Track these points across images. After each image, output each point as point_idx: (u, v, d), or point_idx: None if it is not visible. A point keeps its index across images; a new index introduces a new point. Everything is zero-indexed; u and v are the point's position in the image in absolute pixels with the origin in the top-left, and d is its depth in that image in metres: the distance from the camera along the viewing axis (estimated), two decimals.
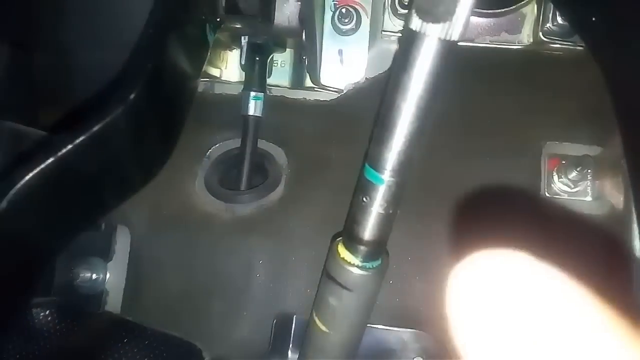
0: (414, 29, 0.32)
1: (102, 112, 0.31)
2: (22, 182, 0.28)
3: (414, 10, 0.32)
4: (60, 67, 0.53)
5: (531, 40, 0.59)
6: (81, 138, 0.29)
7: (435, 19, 0.31)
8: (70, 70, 0.54)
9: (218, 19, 0.45)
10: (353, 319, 0.42)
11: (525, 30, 0.59)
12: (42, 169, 0.28)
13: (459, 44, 0.32)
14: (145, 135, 0.36)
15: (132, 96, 0.32)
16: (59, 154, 0.29)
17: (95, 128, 0.30)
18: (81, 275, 0.53)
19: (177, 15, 0.38)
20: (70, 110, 0.53)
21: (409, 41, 0.32)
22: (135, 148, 0.35)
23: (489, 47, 0.60)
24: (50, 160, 0.28)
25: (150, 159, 0.40)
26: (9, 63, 0.46)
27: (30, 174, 0.28)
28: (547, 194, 0.54)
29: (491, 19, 0.60)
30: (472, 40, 0.60)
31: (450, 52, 0.32)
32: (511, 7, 0.59)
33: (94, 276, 0.54)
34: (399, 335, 0.52)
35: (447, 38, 0.31)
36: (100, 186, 0.34)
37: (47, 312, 0.56)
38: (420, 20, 0.31)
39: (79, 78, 0.54)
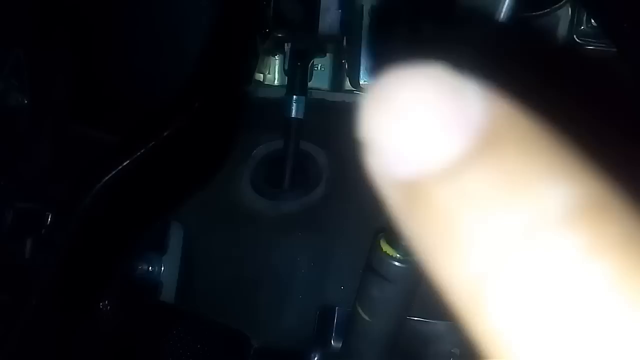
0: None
1: (170, 119, 0.35)
2: (105, 179, 0.32)
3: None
4: (119, 75, 0.57)
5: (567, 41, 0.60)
6: (153, 142, 0.33)
7: None
8: (129, 77, 0.58)
9: (267, 31, 0.48)
10: (393, 309, 0.45)
11: (560, 32, 0.60)
12: (120, 169, 0.32)
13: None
14: (206, 139, 0.40)
15: (196, 105, 0.35)
16: (135, 155, 0.32)
17: (165, 133, 0.34)
18: (139, 267, 0.57)
19: (233, 29, 0.42)
20: (130, 113, 0.57)
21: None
22: (197, 151, 0.39)
23: (526, 46, 0.61)
24: (127, 162, 0.32)
25: (209, 161, 0.44)
26: (78, 71, 0.51)
27: (110, 174, 0.32)
28: None
29: (531, 21, 0.62)
30: (510, 42, 0.62)
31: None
32: (547, 10, 0.60)
33: (150, 268, 0.58)
34: (437, 327, 0.55)
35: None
36: (168, 185, 0.38)
37: (107, 302, 0.60)
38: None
39: (137, 84, 0.58)
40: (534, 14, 0.62)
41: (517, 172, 0.10)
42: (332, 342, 0.55)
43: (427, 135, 0.10)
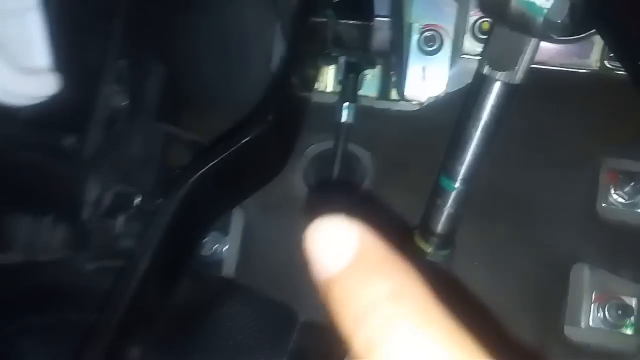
0: (484, 74, 0.41)
1: (248, 127, 0.43)
2: (195, 176, 0.41)
3: (485, 59, 0.41)
4: (197, 84, 0.67)
5: (598, 65, 0.65)
6: (235, 147, 0.42)
7: (502, 68, 0.40)
8: (204, 86, 0.68)
9: (327, 51, 0.56)
10: None
11: (593, 56, 0.66)
12: (209, 167, 0.41)
13: (532, 66, 0.40)
14: (276, 144, 0.48)
15: (269, 117, 0.43)
16: (220, 157, 0.41)
17: (245, 140, 0.42)
18: (205, 246, 0.67)
19: (301, 51, 0.50)
20: (204, 115, 0.67)
21: (480, 83, 0.42)
22: (268, 153, 0.48)
23: (559, 70, 0.67)
24: (214, 162, 0.41)
25: (276, 161, 0.52)
26: (162, 77, 0.60)
27: (201, 171, 0.41)
28: (602, 204, 0.62)
29: (566, 45, 0.67)
30: (545, 63, 0.68)
31: (512, 93, 0.41)
32: (583, 35, 0.66)
33: (215, 247, 0.68)
34: None
35: (510, 82, 0.40)
36: (243, 181, 0.47)
37: None
38: (489, 68, 0.41)
39: (211, 89, 0.67)
40: (570, 38, 0.67)
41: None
42: None
43: None
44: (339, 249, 0.17)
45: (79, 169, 0.49)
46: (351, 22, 0.56)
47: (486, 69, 0.40)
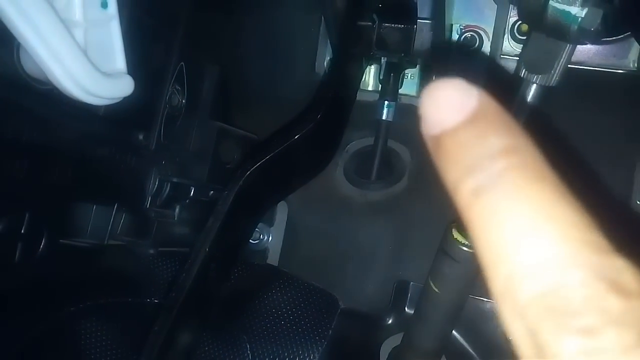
0: (521, 76, 0.44)
1: (299, 125, 0.47)
2: (251, 169, 0.45)
3: (522, 62, 0.44)
4: (246, 80, 0.71)
5: (636, 65, 0.66)
6: (287, 143, 0.46)
7: (538, 71, 0.43)
8: (253, 82, 0.72)
9: (371, 53, 0.60)
10: (459, 285, 0.56)
11: (631, 57, 0.67)
12: (264, 161, 0.45)
13: (570, 66, 0.42)
14: (323, 141, 0.52)
15: (319, 116, 0.47)
16: (274, 152, 0.45)
17: (296, 136, 0.46)
18: (252, 235, 0.71)
19: (349, 54, 0.53)
20: (253, 112, 0.71)
21: (517, 84, 0.44)
22: (316, 149, 0.51)
23: (598, 70, 0.69)
24: (268, 156, 0.45)
25: (323, 156, 0.56)
26: (217, 79, 0.65)
27: (257, 165, 0.45)
28: (638, 202, 0.63)
29: (603, 46, 0.69)
30: (583, 63, 0.69)
31: (548, 95, 0.43)
32: (621, 36, 0.67)
33: (261, 237, 0.72)
34: (495, 306, 0.65)
35: (546, 84, 0.43)
36: (292, 175, 0.51)
37: None
38: (526, 71, 0.43)
39: (259, 88, 0.72)
40: (610, 39, 0.68)
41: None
42: (406, 309, 0.66)
43: None
44: (457, 106, 0.16)
45: (144, 162, 0.54)
46: (395, 25, 0.60)
47: (523, 72, 0.43)
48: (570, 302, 0.13)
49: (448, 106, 0.16)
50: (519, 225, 0.14)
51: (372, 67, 0.81)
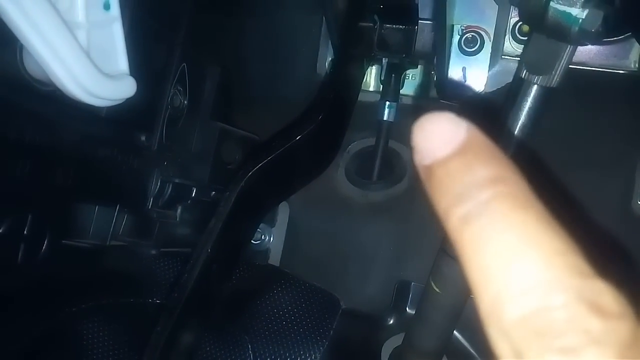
0: (522, 77, 0.44)
1: (301, 126, 0.47)
2: (253, 170, 0.45)
3: (523, 63, 0.44)
4: (247, 81, 0.71)
5: (637, 66, 0.66)
6: (289, 144, 0.46)
7: (539, 72, 0.43)
8: (254, 83, 0.72)
9: (372, 54, 0.60)
10: (460, 285, 0.56)
11: (632, 57, 0.67)
12: (265, 162, 0.45)
13: (571, 66, 0.42)
14: (325, 142, 0.52)
15: (320, 117, 0.47)
16: (275, 153, 0.45)
17: (298, 137, 0.46)
18: (254, 236, 0.72)
19: (350, 55, 0.54)
20: (254, 113, 0.71)
21: (518, 86, 0.44)
22: (318, 150, 0.52)
23: (599, 70, 0.69)
24: (270, 157, 0.45)
25: (325, 157, 0.56)
26: (219, 80, 0.65)
27: (258, 166, 0.45)
28: (638, 202, 0.63)
29: (604, 46, 0.69)
30: (584, 64, 0.69)
31: (549, 96, 0.44)
32: (622, 37, 0.67)
33: (262, 237, 0.73)
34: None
35: (547, 85, 0.43)
36: (294, 176, 0.51)
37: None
38: (527, 72, 0.43)
39: (261, 89, 0.72)
40: (612, 39, 0.69)
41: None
42: (407, 309, 0.67)
43: None
44: (448, 138, 0.17)
45: (146, 163, 0.54)
46: (396, 26, 0.60)
47: (524, 73, 0.43)
48: (553, 324, 0.14)
49: (439, 138, 0.17)
50: (504, 251, 0.15)
51: (374, 67, 0.81)
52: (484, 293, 0.15)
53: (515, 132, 0.45)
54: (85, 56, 0.38)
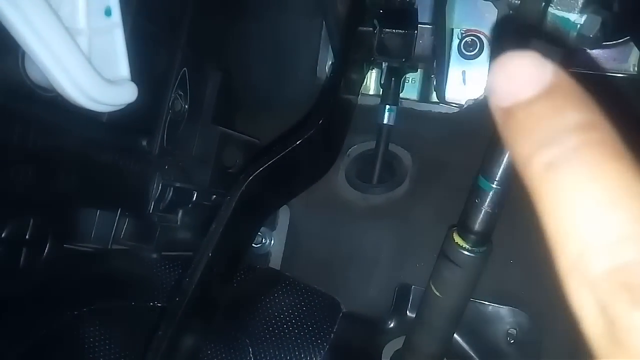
0: None
1: (301, 130, 0.47)
2: (254, 175, 0.45)
3: None
4: (248, 85, 0.72)
5: (636, 69, 0.67)
6: (289, 148, 0.46)
7: None
8: (255, 87, 0.72)
9: (372, 58, 0.60)
10: (460, 289, 0.56)
11: (631, 60, 0.67)
12: (266, 166, 0.45)
13: (570, 70, 0.43)
14: (325, 146, 0.53)
15: (320, 121, 0.48)
16: (276, 158, 0.45)
17: (298, 142, 0.46)
18: (254, 240, 0.72)
19: (350, 59, 0.54)
20: (255, 116, 0.72)
21: None
22: (318, 154, 0.52)
23: (597, 74, 0.69)
24: (270, 162, 0.45)
25: (325, 161, 0.57)
26: (220, 84, 0.65)
27: (259, 170, 0.45)
28: None
29: (604, 50, 0.69)
30: (583, 68, 0.70)
31: None
32: (620, 40, 0.67)
33: (263, 241, 0.73)
34: (497, 310, 0.65)
35: None
36: (294, 180, 0.51)
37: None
38: None
39: (261, 93, 0.72)
40: (612, 42, 0.69)
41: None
42: (408, 312, 0.67)
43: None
44: (533, 78, 0.16)
45: (147, 167, 0.54)
46: (395, 30, 0.60)
47: None
48: None
49: (522, 78, 0.16)
50: (594, 201, 0.14)
51: (374, 71, 0.81)
52: (568, 244, 0.14)
53: None
54: (87, 62, 0.38)
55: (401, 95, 0.77)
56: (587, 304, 0.14)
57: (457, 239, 0.53)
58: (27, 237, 0.44)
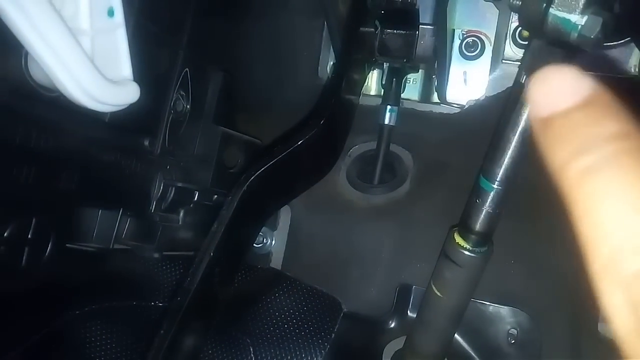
0: (523, 82, 0.44)
1: (303, 130, 0.47)
2: (255, 175, 0.46)
3: (523, 69, 0.44)
4: (250, 86, 0.72)
5: (637, 70, 0.67)
6: (291, 148, 0.46)
7: None
8: (257, 87, 0.73)
9: (373, 59, 0.60)
10: (461, 289, 0.56)
11: (632, 61, 0.67)
12: (267, 167, 0.45)
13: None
14: (326, 146, 0.53)
15: (322, 122, 0.48)
16: (277, 158, 0.46)
17: (300, 142, 0.47)
18: (255, 239, 0.72)
19: (351, 59, 0.54)
20: (256, 117, 0.72)
21: (518, 91, 0.45)
22: (319, 154, 0.52)
23: (598, 75, 0.69)
24: (272, 162, 0.46)
25: (326, 161, 0.57)
26: (221, 84, 0.65)
27: (260, 170, 0.45)
28: None
29: (605, 51, 0.69)
30: (585, 69, 0.70)
31: None
32: (621, 41, 0.68)
33: (264, 241, 0.73)
34: (498, 310, 0.65)
35: None
36: (296, 180, 0.51)
37: None
38: (527, 77, 0.44)
39: (263, 93, 0.72)
40: (613, 43, 0.69)
41: None
42: (408, 312, 0.67)
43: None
44: (571, 90, 0.17)
45: (149, 167, 0.54)
46: (397, 31, 0.60)
47: (524, 79, 0.43)
48: None
49: (561, 90, 0.17)
50: (628, 206, 0.15)
51: (375, 71, 0.81)
52: (601, 246, 0.15)
53: (515, 137, 0.45)
54: (90, 62, 0.38)
55: (402, 95, 0.77)
56: (619, 303, 0.14)
57: (458, 239, 0.54)
58: (29, 236, 0.45)
